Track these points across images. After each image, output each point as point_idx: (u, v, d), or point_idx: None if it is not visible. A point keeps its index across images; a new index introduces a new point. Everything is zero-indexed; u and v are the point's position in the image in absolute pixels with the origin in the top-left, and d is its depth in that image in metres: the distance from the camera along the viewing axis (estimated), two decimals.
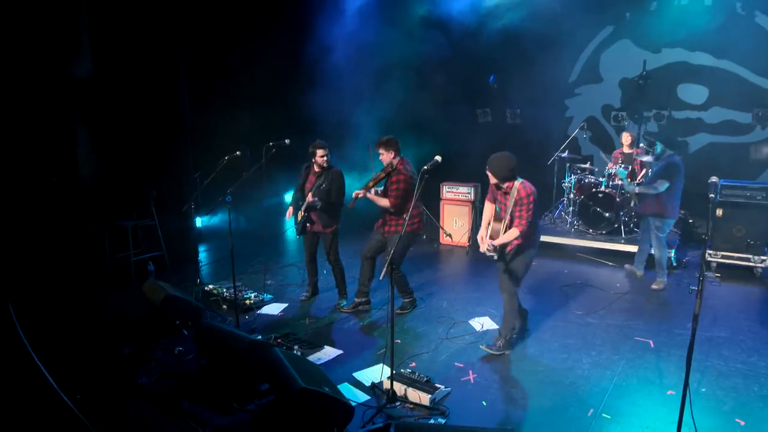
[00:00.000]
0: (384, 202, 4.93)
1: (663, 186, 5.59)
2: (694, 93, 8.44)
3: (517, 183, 4.13)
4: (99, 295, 5.90)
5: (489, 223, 4.38)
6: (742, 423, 3.39)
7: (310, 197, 5.15)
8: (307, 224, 5.33)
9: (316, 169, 5.30)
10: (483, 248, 4.25)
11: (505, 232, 4.16)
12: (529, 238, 4.23)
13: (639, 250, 6.33)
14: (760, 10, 7.66)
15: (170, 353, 4.43)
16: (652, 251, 6.09)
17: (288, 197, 10.04)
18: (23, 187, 6.73)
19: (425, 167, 3.63)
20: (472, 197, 7.70)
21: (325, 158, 5.23)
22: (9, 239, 6.40)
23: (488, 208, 4.51)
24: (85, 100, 7.04)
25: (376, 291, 5.57)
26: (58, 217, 6.81)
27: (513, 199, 4.10)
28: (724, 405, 3.60)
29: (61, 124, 6.93)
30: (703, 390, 3.77)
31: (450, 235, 7.51)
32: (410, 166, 5.02)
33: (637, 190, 6.08)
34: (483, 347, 4.39)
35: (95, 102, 7.18)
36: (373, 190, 4.98)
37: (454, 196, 7.80)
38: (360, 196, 4.92)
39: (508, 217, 4.16)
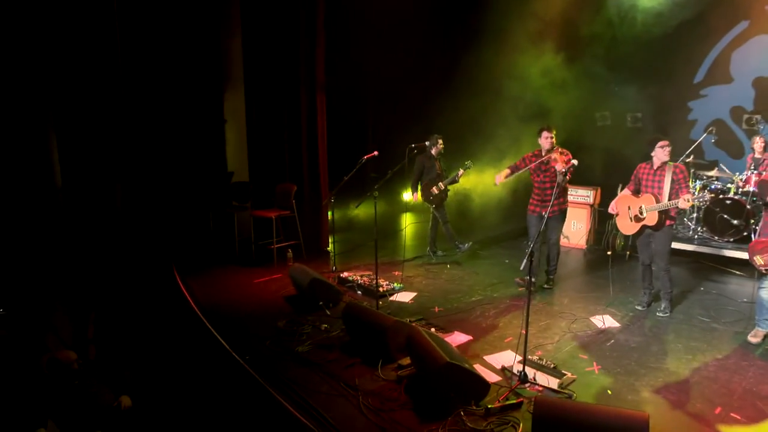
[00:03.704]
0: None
1: None
2: None
3: (672, 163, 5.00)
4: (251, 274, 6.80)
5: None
6: None
7: (460, 173, 6.99)
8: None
9: (436, 155, 7.07)
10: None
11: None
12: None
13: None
14: None
15: (317, 329, 5.10)
16: None
17: (406, 196, 10.57)
18: (183, 181, 7.93)
19: (563, 170, 3.94)
20: (591, 200, 7.76)
21: (442, 146, 7.07)
22: (173, 228, 7.60)
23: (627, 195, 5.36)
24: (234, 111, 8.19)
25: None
26: (212, 206, 7.94)
27: (670, 177, 4.92)
28: None
29: (215, 130, 8.09)
30: None
31: (567, 237, 7.66)
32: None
33: None
34: (659, 314, 5.27)
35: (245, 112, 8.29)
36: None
37: (573, 199, 7.86)
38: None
39: (666, 195, 4.91)
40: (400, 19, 8.97)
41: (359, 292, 6.04)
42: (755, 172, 6.92)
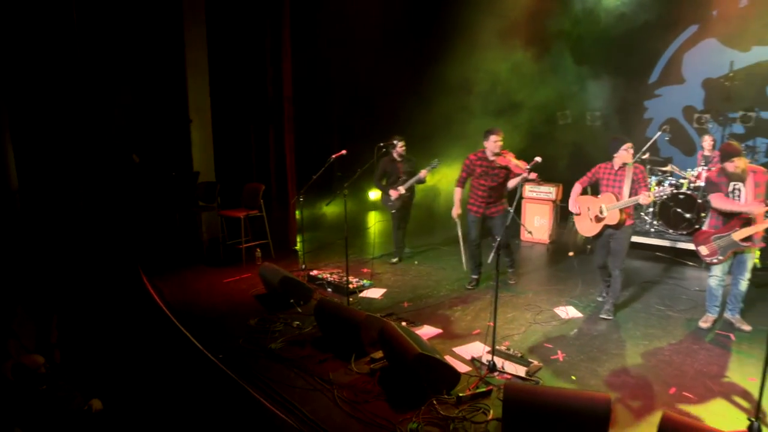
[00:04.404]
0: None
1: None
2: None
3: (632, 164, 5.06)
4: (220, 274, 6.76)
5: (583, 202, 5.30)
6: None
7: (423, 173, 6.75)
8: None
9: (398, 157, 6.86)
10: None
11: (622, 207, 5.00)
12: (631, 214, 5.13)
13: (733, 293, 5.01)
14: None
15: (289, 326, 5.13)
16: (742, 287, 4.93)
17: (372, 195, 10.66)
18: (152, 181, 7.81)
19: (527, 167, 4.09)
20: (554, 197, 8.03)
21: (404, 148, 6.86)
22: (139, 229, 7.47)
23: (578, 190, 5.37)
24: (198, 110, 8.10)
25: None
26: (178, 206, 7.84)
27: (630, 177, 4.97)
28: None
29: (180, 129, 7.99)
30: None
31: (530, 233, 7.92)
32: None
33: None
34: (603, 315, 5.26)
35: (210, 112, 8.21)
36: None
37: (536, 196, 8.16)
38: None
39: (626, 194, 4.96)
40: (367, 17, 9.04)
41: (329, 290, 6.09)
42: (705, 168, 7.31)
